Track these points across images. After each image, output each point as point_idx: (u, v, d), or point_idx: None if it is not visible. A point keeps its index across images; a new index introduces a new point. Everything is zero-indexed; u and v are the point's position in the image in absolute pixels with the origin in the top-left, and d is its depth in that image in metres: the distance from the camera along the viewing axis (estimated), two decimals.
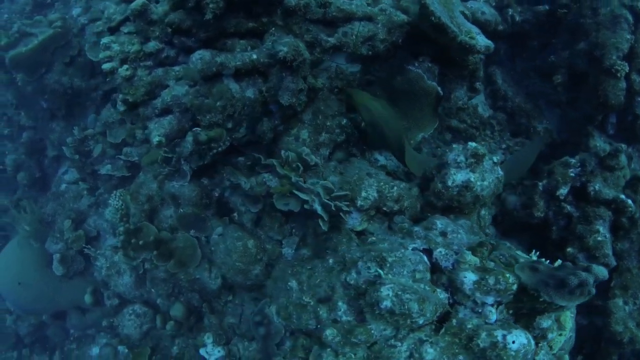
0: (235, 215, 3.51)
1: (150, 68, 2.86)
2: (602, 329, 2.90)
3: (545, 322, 2.28)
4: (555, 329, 2.28)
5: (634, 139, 3.39)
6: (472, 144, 2.78)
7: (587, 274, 2.13)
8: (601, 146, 3.07)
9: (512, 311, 2.36)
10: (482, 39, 2.97)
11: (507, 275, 2.24)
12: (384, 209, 3.05)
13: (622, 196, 2.94)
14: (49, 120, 4.32)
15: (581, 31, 3.33)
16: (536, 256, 2.47)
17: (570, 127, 3.65)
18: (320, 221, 2.93)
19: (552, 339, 2.28)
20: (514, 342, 2.08)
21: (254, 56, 2.82)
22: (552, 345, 2.39)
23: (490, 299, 2.27)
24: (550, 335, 2.26)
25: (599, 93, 3.14)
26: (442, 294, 2.35)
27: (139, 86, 2.84)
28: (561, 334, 2.38)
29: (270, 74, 2.92)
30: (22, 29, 4.09)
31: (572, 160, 3.04)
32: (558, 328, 2.31)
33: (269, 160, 3.14)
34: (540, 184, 3.15)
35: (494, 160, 2.81)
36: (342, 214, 2.94)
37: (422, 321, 2.21)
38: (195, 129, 2.91)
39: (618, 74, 3.06)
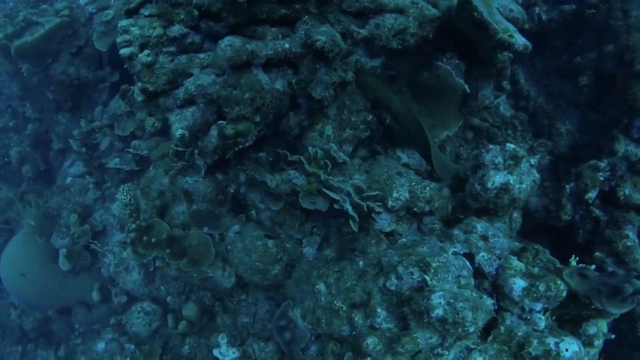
0: (253, 212, 3.35)
1: (173, 54, 2.63)
2: (627, 333, 2.93)
3: (592, 329, 2.25)
4: (600, 335, 2.26)
5: None
6: (511, 146, 2.72)
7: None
8: (632, 150, 3.06)
9: (556, 317, 2.32)
10: (520, 37, 2.89)
11: (558, 282, 2.19)
12: (414, 209, 2.96)
13: None
14: (55, 112, 4.17)
15: (610, 33, 3.30)
16: (575, 262, 2.44)
17: (590, 128, 3.64)
18: (350, 222, 2.81)
19: (597, 345, 2.26)
20: (567, 350, 2.05)
21: (287, 45, 2.64)
22: (591, 351, 2.38)
23: (539, 305, 2.22)
24: (596, 342, 2.24)
25: (628, 97, 3.13)
26: (488, 300, 2.28)
27: (161, 74, 2.61)
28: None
29: (302, 65, 2.75)
30: (28, 17, 3.93)
31: (601, 163, 3.02)
32: (602, 335, 2.29)
33: (296, 156, 2.98)
34: (568, 186, 3.13)
35: (531, 162, 2.76)
36: (374, 214, 2.83)
37: (473, 329, 2.14)
38: (220, 122, 2.72)
39: None
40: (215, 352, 3.54)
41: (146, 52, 2.57)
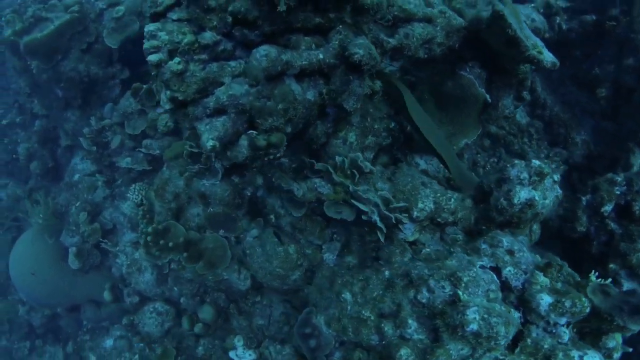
0: (272, 217, 3.35)
1: (204, 62, 2.57)
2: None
3: (611, 342, 2.37)
4: (619, 348, 2.38)
5: None
6: (537, 162, 2.77)
7: None
8: None
9: (577, 330, 2.43)
10: (548, 53, 2.91)
11: (583, 299, 2.28)
12: (438, 219, 3.01)
13: None
14: (63, 109, 4.08)
15: (631, 46, 3.35)
16: (595, 277, 2.54)
17: (604, 139, 3.73)
18: (378, 233, 2.85)
19: (616, 358, 2.37)
20: None
21: (321, 55, 2.61)
22: None
23: (564, 319, 2.32)
24: (615, 355, 2.36)
25: None
26: (515, 314, 2.37)
27: (191, 83, 2.55)
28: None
29: (334, 75, 2.73)
30: (37, 13, 3.83)
31: (618, 177, 3.11)
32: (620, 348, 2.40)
33: (322, 165, 2.98)
34: (584, 198, 3.21)
35: (554, 178, 2.82)
36: (400, 225, 2.87)
37: (503, 342, 2.22)
38: (250, 132, 2.69)
39: None
40: (232, 354, 3.58)
41: (177, 59, 2.51)
